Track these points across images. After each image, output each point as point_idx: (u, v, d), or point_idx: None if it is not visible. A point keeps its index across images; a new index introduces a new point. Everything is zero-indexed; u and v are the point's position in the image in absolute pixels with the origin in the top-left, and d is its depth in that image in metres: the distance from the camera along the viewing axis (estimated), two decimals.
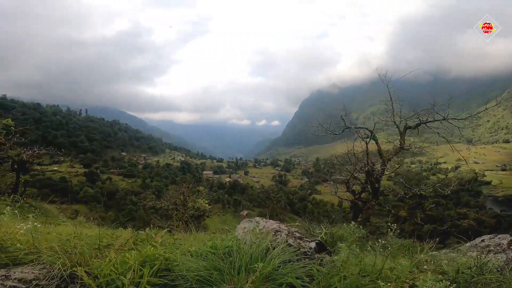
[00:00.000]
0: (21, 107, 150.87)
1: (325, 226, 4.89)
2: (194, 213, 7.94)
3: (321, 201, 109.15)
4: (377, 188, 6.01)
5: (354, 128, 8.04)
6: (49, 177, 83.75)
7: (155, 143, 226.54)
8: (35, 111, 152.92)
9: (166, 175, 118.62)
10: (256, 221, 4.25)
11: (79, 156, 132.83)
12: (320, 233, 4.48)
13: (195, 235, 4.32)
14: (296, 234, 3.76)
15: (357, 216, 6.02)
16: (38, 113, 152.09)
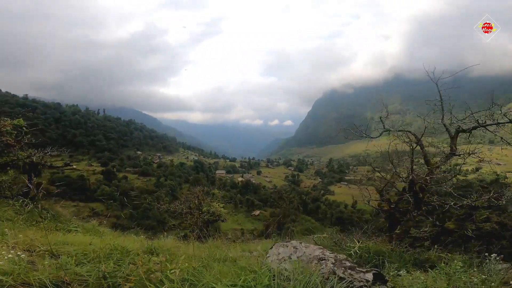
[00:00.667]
0: (42, 106, 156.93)
1: (358, 238, 4.41)
2: (209, 218, 7.74)
3: (334, 201, 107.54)
4: (421, 198, 5.39)
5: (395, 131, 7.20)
6: (67, 175, 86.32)
7: (169, 143, 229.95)
8: (55, 111, 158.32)
9: (180, 174, 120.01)
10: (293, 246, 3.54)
11: (96, 154, 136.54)
12: (352, 247, 4.00)
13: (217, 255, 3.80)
14: (346, 263, 3.06)
15: (394, 227, 5.46)
16: (58, 113, 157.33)
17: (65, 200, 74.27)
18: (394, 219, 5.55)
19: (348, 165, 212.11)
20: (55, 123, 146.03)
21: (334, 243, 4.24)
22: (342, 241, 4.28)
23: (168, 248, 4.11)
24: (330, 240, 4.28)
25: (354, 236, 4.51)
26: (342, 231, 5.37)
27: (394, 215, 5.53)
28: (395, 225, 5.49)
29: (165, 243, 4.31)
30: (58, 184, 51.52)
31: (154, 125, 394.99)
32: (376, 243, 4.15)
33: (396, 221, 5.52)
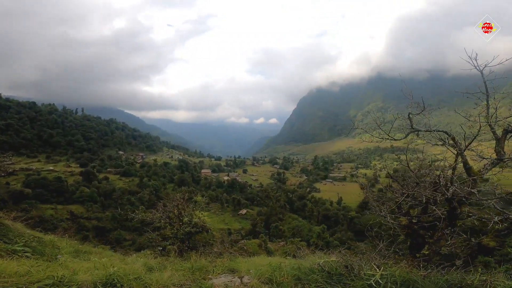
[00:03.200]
0: (17, 106, 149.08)
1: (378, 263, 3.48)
2: (191, 230, 6.87)
3: (320, 199, 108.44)
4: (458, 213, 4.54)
5: (425, 131, 6.01)
6: (44, 177, 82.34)
7: (153, 142, 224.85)
8: (30, 110, 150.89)
9: (164, 174, 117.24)
10: None
11: (75, 155, 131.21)
12: (372, 275, 3.17)
13: None
14: None
15: (418, 246, 4.66)
16: (34, 112, 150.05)
17: (41, 203, 70.97)
18: (417, 236, 4.77)
19: (333, 162, 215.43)
20: (30, 123, 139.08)
21: (345, 269, 3.40)
22: (356, 266, 3.46)
23: (136, 275, 3.27)
24: (340, 265, 3.46)
25: (371, 258, 3.65)
26: (350, 250, 4.53)
27: (417, 232, 4.76)
28: (420, 244, 4.74)
29: (134, 269, 3.46)
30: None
31: (137, 124, 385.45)
32: (403, 269, 3.34)
33: (421, 240, 4.76)
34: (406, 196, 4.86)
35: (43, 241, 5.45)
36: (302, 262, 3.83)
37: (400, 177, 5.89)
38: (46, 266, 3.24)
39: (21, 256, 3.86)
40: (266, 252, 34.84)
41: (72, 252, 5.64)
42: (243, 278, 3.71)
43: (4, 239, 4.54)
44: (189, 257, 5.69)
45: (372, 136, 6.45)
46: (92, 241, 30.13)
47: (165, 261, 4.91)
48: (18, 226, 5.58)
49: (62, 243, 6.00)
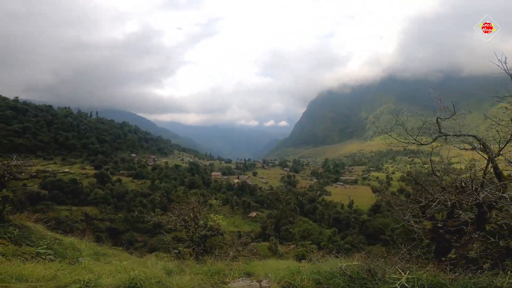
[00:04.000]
0: (34, 109, 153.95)
1: (402, 266, 3.40)
2: (206, 233, 6.92)
3: (330, 202, 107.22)
4: (487, 217, 4.43)
5: (453, 136, 5.85)
6: (60, 178, 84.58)
7: (164, 145, 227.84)
8: (47, 114, 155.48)
9: (175, 177, 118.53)
10: None
11: (89, 157, 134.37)
12: (397, 278, 3.11)
13: None
14: None
15: (443, 251, 4.57)
16: (50, 116, 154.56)
17: (57, 204, 72.88)
18: (443, 241, 4.67)
19: (344, 165, 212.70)
20: (47, 126, 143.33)
21: (368, 272, 3.34)
22: (379, 270, 3.37)
23: (157, 279, 3.33)
24: (363, 269, 3.40)
25: (394, 262, 3.58)
26: (371, 254, 4.43)
27: (443, 236, 4.66)
28: (445, 248, 4.64)
29: (154, 272, 3.52)
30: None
31: (148, 127, 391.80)
32: (431, 272, 3.23)
33: (447, 244, 4.66)
34: (431, 201, 4.77)
35: (63, 243, 5.59)
36: (322, 266, 3.79)
37: (424, 181, 5.78)
38: (71, 269, 3.32)
39: (44, 258, 3.98)
40: (276, 255, 34.66)
41: (92, 254, 5.76)
42: (261, 282, 3.71)
43: (27, 241, 4.67)
44: (204, 260, 5.75)
45: (396, 140, 6.31)
46: (105, 242, 30.65)
47: (182, 264, 4.96)
48: (40, 228, 5.75)
49: (82, 245, 6.14)
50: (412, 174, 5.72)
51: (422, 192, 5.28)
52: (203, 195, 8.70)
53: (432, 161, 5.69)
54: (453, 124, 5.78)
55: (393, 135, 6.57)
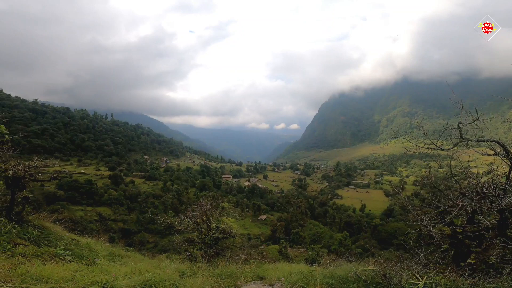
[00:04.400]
0: (52, 111, 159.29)
1: (419, 271, 3.32)
2: (218, 235, 6.97)
3: (342, 205, 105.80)
4: (509, 223, 4.33)
5: (475, 141, 5.70)
6: (75, 179, 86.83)
7: (176, 147, 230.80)
8: (64, 116, 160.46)
9: (186, 179, 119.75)
10: None
11: (104, 159, 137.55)
12: (413, 283, 3.05)
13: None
14: None
15: (463, 256, 4.47)
16: (67, 117, 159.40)
17: (73, 205, 74.83)
18: (462, 246, 4.56)
19: (356, 169, 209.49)
20: (64, 128, 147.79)
21: (383, 277, 3.26)
22: (395, 275, 3.29)
23: (171, 281, 3.37)
24: (378, 273, 3.33)
25: (411, 267, 3.48)
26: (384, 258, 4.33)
27: (462, 242, 4.55)
28: (464, 253, 4.52)
29: (168, 274, 3.56)
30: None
31: (161, 130, 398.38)
32: (449, 277, 3.16)
33: (466, 249, 4.54)
34: (451, 206, 4.67)
35: (80, 244, 5.72)
36: (335, 270, 3.74)
37: (443, 186, 5.64)
38: (89, 270, 3.41)
39: (62, 259, 4.08)
40: (285, 259, 34.41)
41: (107, 255, 5.89)
42: (274, 286, 3.69)
43: (46, 242, 4.79)
44: (216, 262, 5.78)
45: (416, 145, 6.16)
46: (117, 242, 31.29)
47: (194, 267, 5.00)
48: (58, 228, 5.92)
49: (97, 246, 6.28)
50: (431, 179, 5.45)
51: (441, 197, 5.16)
52: (216, 198, 8.74)
53: (451, 166, 5.53)
54: (473, 128, 5.61)
55: (408, 138, 6.44)
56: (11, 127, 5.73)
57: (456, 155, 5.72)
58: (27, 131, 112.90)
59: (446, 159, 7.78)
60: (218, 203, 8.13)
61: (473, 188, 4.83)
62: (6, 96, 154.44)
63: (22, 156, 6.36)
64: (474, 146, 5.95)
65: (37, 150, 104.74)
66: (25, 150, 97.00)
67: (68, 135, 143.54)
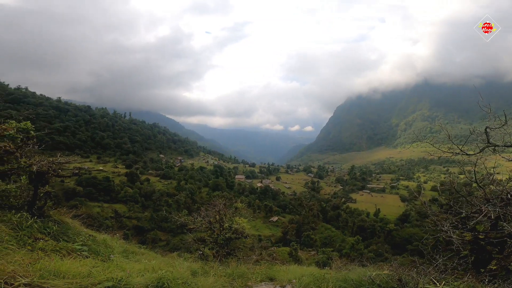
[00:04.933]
0: (74, 109, 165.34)
1: (436, 277, 3.25)
2: (231, 235, 7.02)
3: (355, 209, 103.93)
4: None
5: (503, 146, 5.56)
6: (94, 176, 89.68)
7: (191, 146, 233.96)
8: (85, 114, 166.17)
9: (199, 178, 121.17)
10: None
11: (122, 156, 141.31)
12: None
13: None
14: None
15: (483, 262, 4.36)
16: (88, 115, 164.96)
17: (90, 201, 77.23)
18: (483, 252, 4.43)
19: (371, 173, 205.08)
20: (85, 125, 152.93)
21: (398, 282, 3.20)
22: (411, 280, 3.23)
23: (184, 279, 3.42)
24: (393, 278, 3.25)
25: (427, 273, 3.39)
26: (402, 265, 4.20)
27: (484, 248, 4.41)
28: (485, 260, 4.38)
29: (180, 273, 3.62)
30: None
31: (176, 129, 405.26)
32: (468, 283, 3.08)
33: (487, 255, 4.40)
34: (475, 212, 4.54)
35: (97, 240, 5.89)
36: (349, 274, 3.69)
37: (466, 192, 5.47)
38: (104, 266, 3.51)
39: (79, 254, 4.23)
40: (296, 261, 34.11)
41: (122, 252, 6.04)
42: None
43: (65, 237, 4.96)
44: (227, 262, 5.81)
45: (439, 149, 6.00)
46: (131, 239, 32.06)
47: (205, 266, 5.05)
48: (76, 224, 6.14)
49: (113, 242, 6.45)
50: (454, 184, 5.28)
51: (463, 203, 5.02)
52: (229, 198, 8.80)
53: (475, 172, 5.34)
54: (499, 133, 5.39)
55: (431, 143, 6.27)
56: (36, 124, 5.99)
57: (480, 160, 5.51)
58: (50, 128, 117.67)
59: (468, 165, 7.52)
60: (231, 203, 8.17)
61: (497, 195, 4.68)
62: (32, 94, 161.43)
63: (45, 152, 6.64)
64: (501, 152, 5.72)
65: (59, 146, 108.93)
66: (48, 147, 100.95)
67: (88, 133, 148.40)
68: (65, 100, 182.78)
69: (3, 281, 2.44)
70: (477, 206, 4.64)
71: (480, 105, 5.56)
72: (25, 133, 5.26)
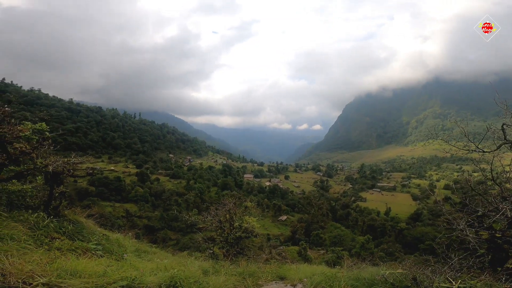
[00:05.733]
0: (86, 110, 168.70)
1: (452, 276, 3.22)
2: (241, 234, 7.05)
3: (365, 208, 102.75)
4: None
5: None
6: (106, 176, 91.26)
7: (199, 146, 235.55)
8: (97, 114, 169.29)
9: (208, 178, 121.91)
10: None
11: (132, 156, 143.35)
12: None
13: None
14: None
15: (500, 261, 4.29)
16: (99, 116, 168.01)
17: (102, 200, 78.61)
18: (500, 251, 4.35)
19: (381, 171, 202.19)
20: (97, 126, 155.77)
21: (413, 281, 3.17)
22: (426, 279, 3.19)
23: (195, 278, 3.46)
24: (407, 277, 3.21)
25: (442, 272, 3.34)
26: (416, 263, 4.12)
27: (501, 246, 4.33)
28: (502, 258, 4.30)
29: (192, 271, 3.66)
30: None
31: (185, 129, 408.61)
32: (485, 282, 3.06)
33: (504, 254, 4.31)
34: (491, 210, 4.45)
35: (110, 239, 6.00)
36: (361, 273, 3.66)
37: (482, 190, 5.35)
38: (119, 266, 3.58)
39: (94, 254, 4.32)
40: (305, 260, 33.95)
41: (134, 251, 6.15)
42: (296, 287, 3.66)
43: (79, 236, 5.08)
44: (237, 261, 5.84)
45: (454, 146, 5.88)
46: (141, 239, 32.62)
47: (216, 265, 5.09)
48: (90, 223, 6.27)
49: (126, 241, 6.57)
50: (470, 182, 5.16)
51: (479, 201, 4.93)
52: (239, 197, 8.81)
53: (489, 170, 5.22)
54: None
55: (446, 140, 6.15)
56: (49, 125, 6.14)
57: (497, 158, 5.38)
58: (63, 129, 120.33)
59: (481, 163, 7.34)
60: (241, 202, 8.20)
61: None
62: (44, 95, 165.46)
63: (58, 152, 6.80)
64: None
65: (72, 147, 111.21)
66: (61, 147, 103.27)
67: (100, 133, 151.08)
68: (77, 102, 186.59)
69: (22, 280, 2.51)
70: (494, 204, 4.54)
71: (496, 101, 5.41)
72: (40, 134, 5.41)
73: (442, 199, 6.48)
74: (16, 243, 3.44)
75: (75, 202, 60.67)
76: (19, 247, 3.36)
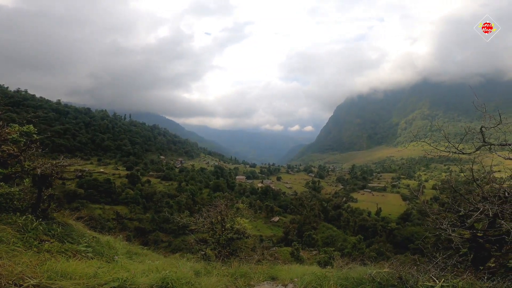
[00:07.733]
0: (74, 112, 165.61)
1: (436, 274, 3.32)
2: (233, 236, 7.08)
3: (357, 209, 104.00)
4: None
5: (499, 145, 5.63)
6: (95, 178, 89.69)
7: (191, 148, 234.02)
8: (85, 116, 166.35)
9: (200, 179, 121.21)
10: None
11: (122, 158, 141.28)
12: (431, 286, 3.06)
13: None
14: None
15: (482, 260, 4.43)
16: (88, 118, 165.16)
17: (92, 203, 77.21)
18: (482, 250, 4.50)
19: (372, 172, 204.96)
20: (85, 128, 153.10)
21: (399, 280, 3.29)
22: (411, 278, 3.30)
23: (187, 279, 3.48)
24: (393, 276, 3.32)
25: (427, 270, 3.46)
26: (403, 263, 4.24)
27: (482, 245, 4.48)
28: (484, 257, 4.45)
29: (184, 273, 3.68)
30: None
31: (177, 130, 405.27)
32: (467, 280, 3.13)
33: (486, 253, 4.46)
34: (472, 210, 4.62)
35: (100, 242, 5.94)
36: (350, 272, 3.75)
37: (464, 190, 5.54)
38: (110, 267, 3.57)
39: (84, 256, 4.29)
40: (297, 261, 34.09)
41: (125, 253, 6.10)
42: (287, 286, 3.72)
43: (69, 239, 5.02)
44: (229, 262, 5.87)
45: (436, 149, 6.06)
46: (133, 241, 32.17)
47: (208, 266, 5.11)
48: (80, 226, 6.19)
49: (116, 243, 6.51)
50: (452, 183, 5.32)
51: (462, 201, 5.10)
52: (230, 199, 8.81)
53: (473, 170, 5.40)
54: (497, 132, 5.45)
55: (428, 142, 6.33)
56: (36, 127, 6.06)
57: (478, 159, 5.56)
58: (51, 131, 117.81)
59: (468, 163, 7.58)
60: (233, 203, 8.23)
61: (495, 193, 4.76)
62: (31, 96, 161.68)
63: (46, 155, 6.70)
64: (497, 150, 5.77)
65: (60, 149, 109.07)
66: (49, 149, 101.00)
67: (89, 135, 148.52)
68: (65, 103, 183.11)
69: (12, 282, 2.50)
70: (475, 204, 4.70)
71: (475, 105, 5.62)
72: (27, 137, 5.32)
73: (431, 199, 6.63)
74: (5, 246, 3.41)
75: (64, 205, 59.30)
76: (8, 250, 3.33)
